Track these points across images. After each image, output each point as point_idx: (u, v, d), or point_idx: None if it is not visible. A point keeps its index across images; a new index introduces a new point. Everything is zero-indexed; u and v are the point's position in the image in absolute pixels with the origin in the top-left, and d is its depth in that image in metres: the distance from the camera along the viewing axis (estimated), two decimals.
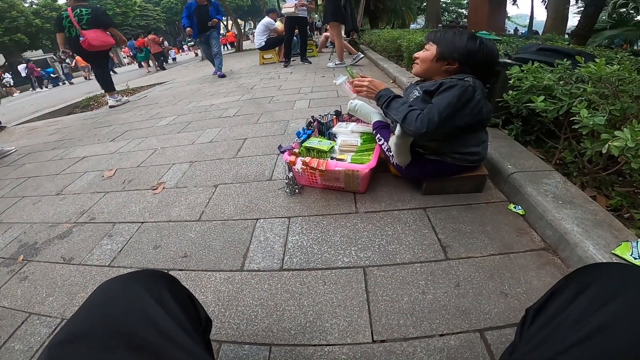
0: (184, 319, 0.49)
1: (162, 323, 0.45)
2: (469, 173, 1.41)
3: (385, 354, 0.84)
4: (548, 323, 0.44)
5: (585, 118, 1.10)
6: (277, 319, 0.96)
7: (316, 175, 1.52)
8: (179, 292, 0.56)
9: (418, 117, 1.19)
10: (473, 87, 1.20)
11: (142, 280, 0.53)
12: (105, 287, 0.52)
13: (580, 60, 1.37)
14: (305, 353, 0.86)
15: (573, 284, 0.47)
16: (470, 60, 1.30)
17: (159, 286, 0.53)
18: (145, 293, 0.49)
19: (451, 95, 1.19)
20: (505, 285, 0.99)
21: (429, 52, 1.38)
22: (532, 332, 0.46)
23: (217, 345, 0.91)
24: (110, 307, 0.47)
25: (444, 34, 1.36)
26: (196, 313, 0.57)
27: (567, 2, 8.62)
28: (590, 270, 0.49)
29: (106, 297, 0.49)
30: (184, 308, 0.53)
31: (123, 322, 0.44)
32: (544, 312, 0.47)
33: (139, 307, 0.47)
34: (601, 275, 0.46)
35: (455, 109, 1.19)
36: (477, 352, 0.82)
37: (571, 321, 0.41)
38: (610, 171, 1.28)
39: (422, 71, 1.43)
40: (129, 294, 0.50)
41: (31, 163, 2.75)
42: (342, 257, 1.16)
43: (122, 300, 0.48)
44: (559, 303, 0.46)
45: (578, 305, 0.42)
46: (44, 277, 1.27)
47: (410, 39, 4.20)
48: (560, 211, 1.13)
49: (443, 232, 1.23)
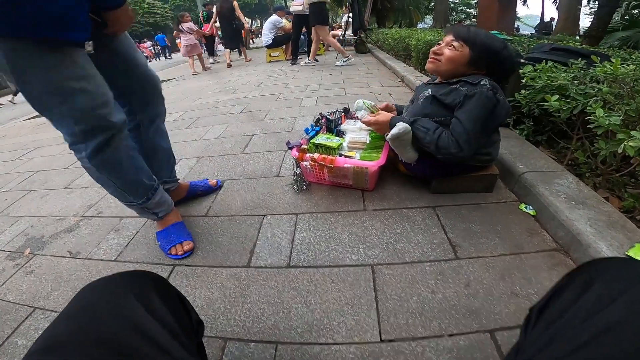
0: (174, 323, 0.47)
1: (149, 329, 0.42)
2: (479, 172, 1.39)
3: (393, 353, 0.82)
4: (553, 323, 0.42)
5: (601, 118, 1.08)
6: (283, 316, 0.95)
7: (324, 172, 1.50)
8: (168, 295, 0.53)
9: (451, 142, 1.18)
10: (492, 90, 1.19)
11: (127, 282, 0.50)
12: (87, 292, 0.48)
13: (596, 60, 1.35)
14: (312, 352, 0.85)
15: (577, 281, 0.45)
16: (498, 69, 1.27)
17: (146, 289, 0.49)
18: (131, 296, 0.46)
19: (476, 109, 1.18)
20: (516, 286, 0.97)
21: (460, 52, 1.26)
22: (537, 332, 0.44)
23: (223, 343, 0.90)
24: (93, 313, 0.43)
25: (475, 35, 1.25)
26: (187, 316, 0.54)
27: (579, 3, 8.51)
28: (593, 267, 0.46)
29: (88, 303, 0.46)
30: (174, 312, 0.50)
31: (107, 329, 0.41)
32: (548, 311, 0.45)
33: (123, 312, 0.44)
34: (605, 271, 0.44)
35: (483, 120, 1.19)
36: (486, 353, 0.80)
37: (578, 320, 0.39)
38: (623, 172, 1.26)
39: (446, 71, 1.31)
40: (112, 298, 0.46)
41: (40, 157, 2.77)
42: (350, 255, 1.15)
43: (106, 306, 0.45)
44: (563, 301, 0.44)
45: (583, 303, 0.40)
46: (50, 271, 1.27)
47: (419, 37, 4.18)
48: (573, 212, 1.11)
49: (453, 232, 1.21)
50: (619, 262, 0.46)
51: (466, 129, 1.17)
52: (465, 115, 1.19)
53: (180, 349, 0.43)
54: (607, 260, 0.47)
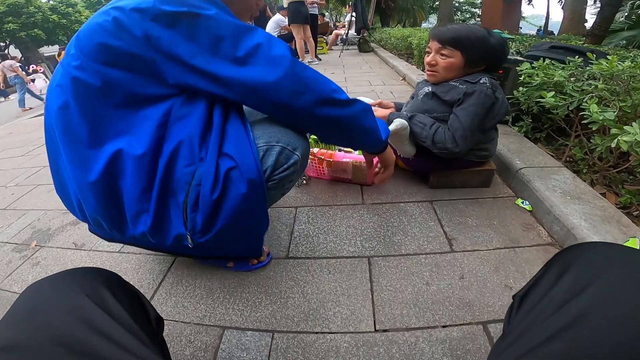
0: (130, 320, 0.45)
1: (104, 327, 0.41)
2: (477, 168, 1.40)
3: (387, 343, 0.84)
4: (531, 310, 0.42)
5: (595, 113, 1.09)
6: (280, 305, 0.98)
7: (324, 166, 1.52)
8: (121, 291, 0.51)
9: (447, 136, 1.20)
10: (492, 88, 1.20)
11: (75, 280, 0.48)
12: (33, 291, 0.46)
13: (592, 58, 1.36)
14: (308, 340, 0.87)
15: (554, 267, 0.45)
16: (495, 58, 1.27)
17: (96, 285, 0.47)
18: (81, 294, 0.44)
19: (474, 106, 1.18)
20: (510, 279, 0.99)
21: (453, 59, 1.24)
22: (518, 319, 0.44)
23: (221, 331, 0.92)
24: (44, 314, 0.41)
25: (458, 34, 1.21)
26: (145, 312, 0.53)
27: (584, 3, 8.47)
28: (570, 251, 0.46)
29: (36, 302, 0.44)
30: (130, 308, 0.48)
31: (60, 329, 0.39)
32: (529, 298, 0.45)
33: (77, 311, 0.42)
34: (581, 255, 0.44)
35: (481, 118, 1.20)
36: (479, 344, 0.82)
37: (552, 308, 0.39)
38: (620, 169, 1.27)
39: (446, 78, 1.30)
40: (61, 296, 0.44)
41: (46, 154, 2.80)
42: (348, 247, 1.17)
43: (56, 305, 0.43)
44: (541, 288, 0.44)
45: (559, 289, 0.41)
46: (56, 262, 1.30)
47: (421, 36, 4.19)
48: (568, 206, 1.12)
49: (449, 225, 1.23)
50: (594, 246, 0.46)
51: (463, 125, 1.18)
52: (464, 112, 1.20)
53: (140, 345, 0.42)
54: (582, 245, 0.47)
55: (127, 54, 0.70)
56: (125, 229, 0.82)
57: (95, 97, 0.73)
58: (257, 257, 1.10)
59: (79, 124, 0.75)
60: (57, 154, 0.85)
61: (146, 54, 0.70)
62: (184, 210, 0.78)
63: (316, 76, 0.82)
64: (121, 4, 0.70)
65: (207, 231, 0.80)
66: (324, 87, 0.83)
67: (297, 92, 0.78)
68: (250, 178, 0.78)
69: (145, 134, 0.75)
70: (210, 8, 0.72)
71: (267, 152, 0.84)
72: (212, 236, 0.81)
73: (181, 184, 0.77)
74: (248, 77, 0.73)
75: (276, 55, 0.75)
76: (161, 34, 0.69)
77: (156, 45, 0.69)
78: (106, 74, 0.71)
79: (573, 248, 0.47)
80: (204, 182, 0.76)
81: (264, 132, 0.86)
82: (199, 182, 0.76)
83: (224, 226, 0.80)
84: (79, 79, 0.72)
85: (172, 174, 0.77)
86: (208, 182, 0.76)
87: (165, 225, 0.80)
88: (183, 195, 0.77)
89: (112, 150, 0.74)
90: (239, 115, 0.84)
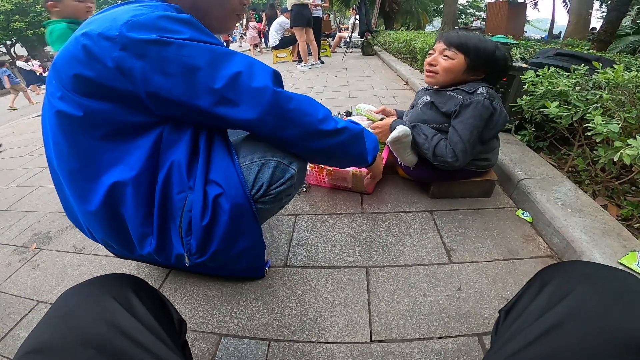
0: (156, 324, 0.47)
1: (131, 329, 0.43)
2: (478, 178, 1.39)
3: (382, 354, 0.84)
4: (514, 322, 0.46)
5: (599, 125, 1.08)
6: (277, 314, 0.98)
7: (324, 174, 1.52)
8: (147, 295, 0.53)
9: (447, 150, 1.20)
10: (489, 98, 1.19)
11: (106, 285, 0.51)
12: (67, 297, 0.49)
13: (598, 66, 1.35)
14: (304, 350, 0.87)
15: (535, 283, 0.49)
16: (495, 70, 1.26)
17: (125, 291, 0.50)
18: (111, 299, 0.47)
19: (472, 118, 1.18)
20: (507, 291, 0.98)
21: (455, 61, 1.23)
22: (503, 330, 0.48)
23: (217, 338, 0.92)
24: (76, 318, 0.44)
25: (467, 40, 1.22)
26: (169, 316, 0.55)
27: (590, 7, 8.42)
28: (550, 269, 0.51)
29: (69, 308, 0.46)
30: (155, 312, 0.50)
31: (91, 332, 0.42)
32: (513, 312, 0.49)
33: (105, 314, 0.44)
34: (559, 272, 0.49)
35: (480, 130, 1.19)
36: (473, 355, 0.82)
37: (532, 319, 0.43)
38: (623, 180, 1.26)
39: (445, 82, 1.29)
40: (93, 301, 0.47)
41: None
42: (346, 257, 1.17)
43: (87, 309, 0.45)
44: (523, 302, 0.48)
45: (538, 302, 0.45)
46: (55, 265, 1.30)
47: (424, 41, 4.18)
48: (569, 219, 1.11)
49: (448, 236, 1.23)
50: (572, 264, 0.51)
51: (462, 139, 1.18)
52: (462, 125, 1.19)
53: (164, 348, 0.44)
54: (562, 263, 0.53)
55: (104, 86, 0.66)
56: (134, 249, 0.84)
57: (80, 130, 0.71)
58: (259, 277, 1.11)
59: (71, 158, 0.75)
60: (62, 184, 0.85)
61: (124, 87, 0.66)
62: (179, 234, 0.80)
63: (302, 107, 0.79)
64: (88, 29, 0.65)
65: (202, 253, 0.83)
66: (310, 119, 0.81)
67: (281, 127, 0.77)
68: (238, 203, 0.80)
69: (138, 163, 0.75)
70: (183, 31, 0.68)
71: (263, 166, 0.84)
72: (208, 258, 0.83)
73: (176, 209, 0.79)
74: (228, 114, 0.73)
75: (256, 88, 0.72)
76: (133, 64, 0.64)
77: (130, 77, 0.65)
78: (88, 105, 0.68)
79: (553, 266, 0.52)
80: (194, 209, 0.78)
81: (259, 146, 0.86)
82: (190, 209, 0.78)
83: (218, 249, 0.83)
84: (62, 111, 0.70)
85: (169, 200, 0.78)
86: (197, 209, 0.77)
87: (168, 245, 0.82)
88: (178, 220, 0.79)
89: (108, 183, 0.74)
90: (223, 139, 0.84)
